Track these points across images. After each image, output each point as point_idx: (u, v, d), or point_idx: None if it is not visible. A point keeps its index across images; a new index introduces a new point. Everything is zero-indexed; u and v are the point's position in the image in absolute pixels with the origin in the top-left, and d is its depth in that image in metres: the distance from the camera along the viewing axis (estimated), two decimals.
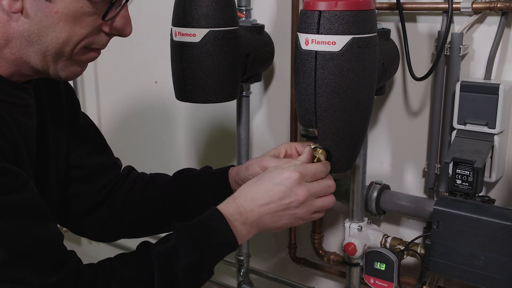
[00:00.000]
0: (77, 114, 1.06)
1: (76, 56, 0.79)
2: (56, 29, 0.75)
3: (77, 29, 0.76)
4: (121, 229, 1.11)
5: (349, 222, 1.22)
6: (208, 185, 1.07)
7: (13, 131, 0.77)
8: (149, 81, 1.73)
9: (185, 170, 1.13)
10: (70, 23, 0.75)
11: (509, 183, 1.16)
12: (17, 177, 0.72)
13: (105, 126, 1.95)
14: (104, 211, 1.09)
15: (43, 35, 0.75)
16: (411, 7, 1.17)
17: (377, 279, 1.16)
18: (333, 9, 0.85)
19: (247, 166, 1.02)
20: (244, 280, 1.52)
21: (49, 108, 0.94)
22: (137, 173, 1.16)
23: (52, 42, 0.76)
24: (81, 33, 0.77)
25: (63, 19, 0.74)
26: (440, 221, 1.05)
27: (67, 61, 0.79)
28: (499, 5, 1.05)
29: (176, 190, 1.09)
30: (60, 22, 0.74)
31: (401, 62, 1.21)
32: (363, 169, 1.18)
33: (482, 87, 1.08)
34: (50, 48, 0.76)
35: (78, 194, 1.06)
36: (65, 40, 0.76)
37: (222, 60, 1.09)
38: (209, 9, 1.06)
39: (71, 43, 0.77)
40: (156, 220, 1.10)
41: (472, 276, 1.04)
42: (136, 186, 1.11)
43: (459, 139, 1.11)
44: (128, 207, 1.09)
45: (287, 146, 1.02)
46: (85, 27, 0.77)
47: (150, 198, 1.10)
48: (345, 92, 0.89)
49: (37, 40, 0.75)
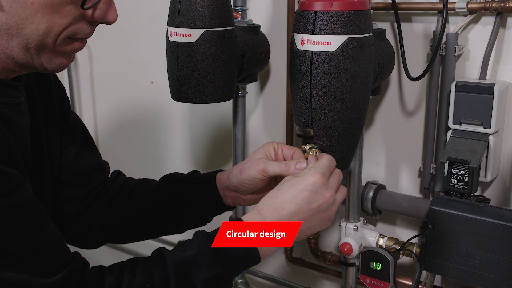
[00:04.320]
0: (67, 112, 1.03)
1: (59, 47, 0.77)
2: (34, 20, 0.72)
3: (56, 19, 0.73)
4: (105, 236, 1.07)
5: (345, 222, 1.22)
6: (193, 190, 1.03)
7: (4, 131, 0.75)
8: (145, 81, 1.73)
9: (171, 175, 1.09)
10: (48, 13, 0.72)
11: (504, 183, 1.16)
12: (12, 179, 0.71)
13: (101, 126, 1.95)
14: (88, 218, 1.05)
15: (22, 27, 0.72)
16: (406, 7, 1.17)
17: (373, 279, 1.17)
18: (329, 9, 0.85)
19: (241, 170, 0.97)
20: (241, 280, 1.52)
21: (42, 105, 0.92)
22: (124, 178, 1.11)
23: (32, 34, 0.73)
24: (62, 23, 0.74)
25: (40, 10, 0.72)
26: (435, 221, 1.05)
27: (51, 53, 0.77)
28: (494, 5, 1.06)
29: (161, 196, 1.05)
30: (38, 13, 0.72)
31: (397, 62, 1.21)
32: (359, 169, 1.18)
33: (477, 87, 1.08)
34: (31, 40, 0.74)
35: (66, 199, 1.02)
36: (45, 31, 0.73)
37: (217, 60, 1.09)
38: (204, 9, 1.05)
39: (52, 34, 0.74)
40: (141, 227, 1.06)
41: (468, 276, 1.04)
42: (121, 192, 1.07)
43: (454, 139, 1.11)
44: (111, 214, 1.05)
45: (274, 145, 0.98)
46: (64, 17, 0.74)
47: (135, 204, 1.06)
48: (340, 92, 0.89)
49: (17, 33, 0.73)
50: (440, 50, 1.12)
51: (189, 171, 1.08)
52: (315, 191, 0.83)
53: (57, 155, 0.98)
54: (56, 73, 0.91)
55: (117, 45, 1.78)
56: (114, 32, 1.73)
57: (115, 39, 1.75)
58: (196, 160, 1.72)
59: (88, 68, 1.89)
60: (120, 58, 1.79)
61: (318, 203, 0.83)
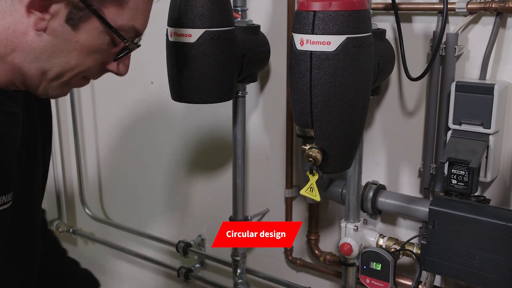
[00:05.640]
0: None
1: (72, 81, 0.80)
2: (68, 55, 0.75)
3: (86, 61, 0.77)
4: None
5: (345, 222, 1.22)
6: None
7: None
8: (145, 81, 1.73)
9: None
10: (84, 54, 0.76)
11: (504, 183, 1.16)
12: None
13: (101, 126, 1.95)
14: None
15: (54, 57, 0.75)
16: (406, 7, 1.17)
17: (373, 279, 1.17)
18: (328, 9, 0.85)
19: None
20: (240, 280, 1.52)
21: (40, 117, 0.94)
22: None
23: (59, 65, 0.76)
24: (88, 65, 0.78)
25: (79, 49, 0.75)
26: (435, 221, 1.05)
27: (61, 84, 0.79)
28: (494, 5, 1.06)
29: None
30: (76, 51, 0.75)
31: (397, 62, 1.21)
32: (358, 169, 1.18)
33: (477, 87, 1.08)
34: (54, 69, 0.76)
35: None
36: (71, 67, 0.76)
37: (217, 60, 1.09)
38: (204, 10, 1.06)
39: (75, 71, 0.77)
40: None
41: (468, 276, 1.04)
42: None
43: (454, 139, 1.11)
44: None
45: None
46: (94, 61, 0.78)
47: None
48: (340, 92, 0.89)
49: (46, 60, 0.75)
50: (440, 50, 1.12)
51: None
52: None
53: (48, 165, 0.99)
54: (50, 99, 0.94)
55: None
56: None
57: None
58: (196, 160, 1.72)
59: None
60: None
61: None
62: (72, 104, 1.94)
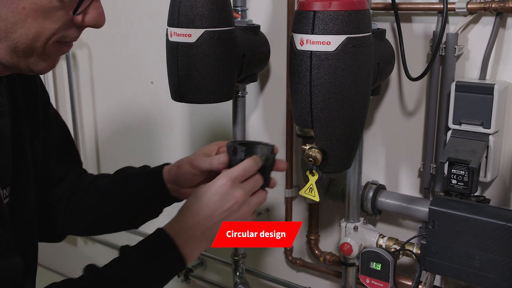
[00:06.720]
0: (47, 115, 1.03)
1: (47, 51, 0.76)
2: (24, 25, 0.71)
3: (46, 24, 0.73)
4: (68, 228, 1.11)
5: (345, 222, 1.22)
6: (141, 184, 1.06)
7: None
8: (145, 81, 1.73)
9: (124, 170, 1.12)
10: (39, 18, 0.72)
11: (504, 183, 1.16)
12: None
13: (100, 126, 1.95)
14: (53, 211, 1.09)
15: (11, 31, 0.71)
16: (406, 7, 1.17)
17: (373, 279, 1.17)
18: (328, 9, 0.85)
19: (178, 164, 1.02)
20: (240, 280, 1.52)
21: (25, 105, 0.92)
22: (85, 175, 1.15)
23: (21, 38, 0.72)
24: (52, 28, 0.73)
25: (31, 15, 0.71)
26: (435, 221, 1.05)
27: (38, 57, 0.76)
28: (494, 5, 1.06)
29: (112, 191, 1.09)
30: (28, 18, 0.71)
31: (397, 62, 1.21)
32: (358, 169, 1.18)
33: (477, 87, 1.08)
34: (20, 44, 0.73)
35: None
36: (34, 36, 0.73)
37: (217, 60, 1.09)
38: (204, 10, 1.05)
39: (42, 38, 0.74)
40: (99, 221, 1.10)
41: (468, 276, 1.04)
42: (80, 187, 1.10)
43: (454, 139, 1.11)
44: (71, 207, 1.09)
45: (219, 143, 1.02)
46: (55, 22, 0.73)
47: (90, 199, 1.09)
48: (340, 92, 0.89)
49: (5, 37, 0.72)
50: (440, 50, 1.12)
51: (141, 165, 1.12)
52: (225, 193, 0.87)
53: (40, 158, 0.97)
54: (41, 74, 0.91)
55: (117, 45, 1.78)
56: (114, 32, 1.74)
57: (115, 39, 1.76)
58: None
59: (88, 68, 1.90)
60: (120, 58, 1.79)
61: (230, 204, 0.87)
62: (72, 104, 1.94)
